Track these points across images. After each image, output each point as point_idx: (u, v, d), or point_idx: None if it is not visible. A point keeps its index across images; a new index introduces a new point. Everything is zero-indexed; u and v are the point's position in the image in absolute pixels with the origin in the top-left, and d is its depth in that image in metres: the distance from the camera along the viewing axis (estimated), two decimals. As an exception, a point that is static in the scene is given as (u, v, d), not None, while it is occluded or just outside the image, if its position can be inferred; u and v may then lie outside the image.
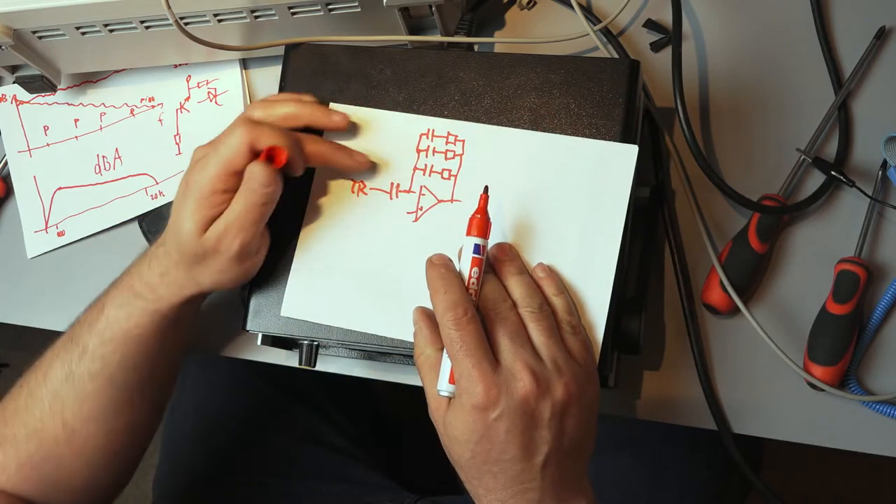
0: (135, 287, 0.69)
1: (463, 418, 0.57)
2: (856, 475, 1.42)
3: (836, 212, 0.74)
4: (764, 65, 0.77)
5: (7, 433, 0.72)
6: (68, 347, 0.71)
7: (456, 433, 0.58)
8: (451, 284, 0.60)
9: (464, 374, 0.57)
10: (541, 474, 0.58)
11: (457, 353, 0.57)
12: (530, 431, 0.57)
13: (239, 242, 0.64)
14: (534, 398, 0.57)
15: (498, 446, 0.57)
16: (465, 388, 0.57)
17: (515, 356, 0.58)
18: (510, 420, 0.57)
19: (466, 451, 0.58)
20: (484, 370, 0.57)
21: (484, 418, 0.57)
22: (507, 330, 0.59)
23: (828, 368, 0.69)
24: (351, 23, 0.75)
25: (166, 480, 0.98)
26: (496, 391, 0.56)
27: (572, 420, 0.58)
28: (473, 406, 0.57)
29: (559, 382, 0.58)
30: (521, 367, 0.57)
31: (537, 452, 0.57)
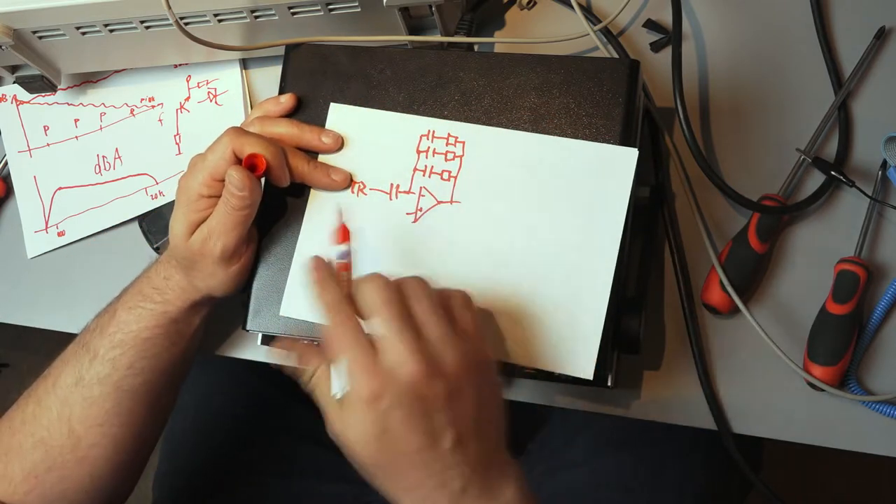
0: (144, 291, 0.71)
1: (356, 417, 0.55)
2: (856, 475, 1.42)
3: (836, 212, 0.74)
4: (764, 65, 0.77)
5: (13, 443, 0.72)
6: (79, 354, 0.72)
7: (355, 435, 0.55)
8: (326, 289, 0.58)
9: (347, 370, 0.55)
10: (454, 460, 0.55)
11: (338, 353, 0.56)
12: (428, 416, 0.54)
13: (220, 246, 0.66)
14: (423, 378, 0.54)
15: (398, 439, 0.54)
16: (351, 387, 0.55)
17: (396, 339, 0.55)
18: (403, 408, 0.54)
19: (371, 451, 0.55)
20: (365, 360, 0.54)
21: (375, 410, 0.54)
22: (388, 314, 0.55)
23: (828, 368, 0.69)
24: (351, 23, 0.75)
25: (166, 480, 0.98)
26: (380, 379, 0.54)
27: (472, 394, 0.56)
28: (360, 400, 0.54)
29: (449, 356, 0.55)
30: (403, 350, 0.54)
31: (443, 437, 0.55)
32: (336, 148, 0.69)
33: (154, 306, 0.71)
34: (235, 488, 0.95)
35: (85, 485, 0.72)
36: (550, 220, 0.65)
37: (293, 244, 0.69)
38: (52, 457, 0.71)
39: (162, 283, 0.71)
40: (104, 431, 0.71)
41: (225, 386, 1.00)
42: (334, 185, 0.69)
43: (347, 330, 0.56)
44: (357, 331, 0.56)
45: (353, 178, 0.69)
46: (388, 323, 0.55)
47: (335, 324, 0.56)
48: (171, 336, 0.72)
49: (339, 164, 0.69)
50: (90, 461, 0.71)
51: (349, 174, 0.69)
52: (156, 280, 0.71)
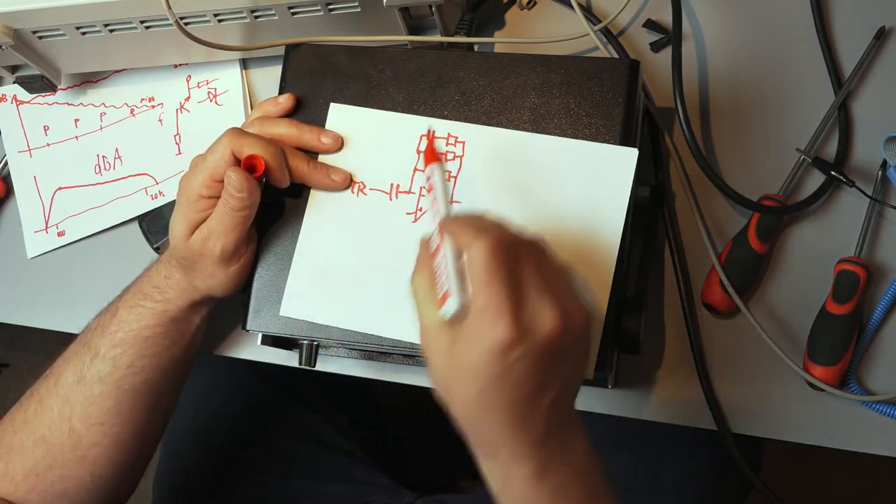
0: (145, 290, 0.72)
1: (477, 355, 0.51)
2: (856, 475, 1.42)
3: (836, 212, 0.74)
4: (764, 65, 0.77)
5: (15, 442, 0.72)
6: (81, 353, 0.72)
7: (466, 369, 0.52)
8: (480, 217, 0.55)
9: (489, 307, 0.51)
10: (547, 412, 0.53)
11: (486, 282, 0.51)
12: (548, 370, 0.52)
13: (220, 246, 0.67)
14: (561, 332, 0.51)
15: (510, 387, 0.52)
16: (486, 324, 0.51)
17: (541, 288, 0.52)
18: (532, 358, 0.51)
19: (473, 388, 0.52)
20: (513, 304, 0.51)
21: (504, 358, 0.51)
22: (533, 259, 0.53)
23: (828, 368, 0.69)
24: (351, 23, 0.75)
25: (166, 480, 0.98)
26: (522, 330, 0.51)
27: (582, 351, 0.55)
28: (493, 345, 0.50)
29: (578, 313, 0.53)
30: (549, 300, 0.51)
31: (550, 389, 0.53)
32: (336, 148, 0.69)
33: (154, 305, 0.71)
34: (235, 488, 0.95)
35: (86, 483, 0.72)
36: (550, 220, 0.65)
37: (293, 244, 0.69)
38: (52, 455, 0.71)
39: (162, 283, 0.71)
40: (105, 430, 0.71)
41: (225, 386, 1.00)
42: (334, 186, 0.69)
43: (504, 262, 0.51)
44: (512, 264, 0.52)
45: (353, 178, 0.69)
46: (533, 270, 0.52)
47: (493, 250, 0.51)
48: (172, 335, 0.72)
49: (339, 164, 0.69)
50: (91, 460, 0.72)
51: (349, 174, 0.69)
52: (156, 279, 0.71)
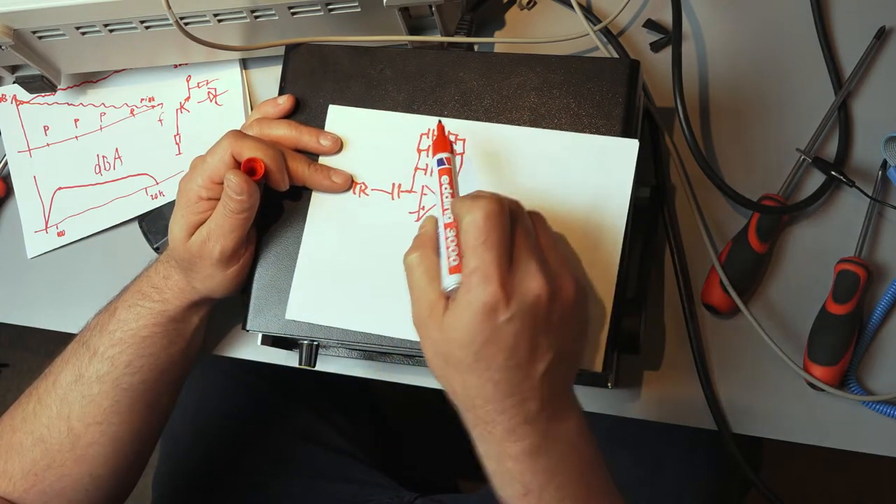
0: (143, 289, 0.72)
1: (468, 318, 0.53)
2: (856, 475, 1.42)
3: (836, 212, 0.74)
4: (764, 65, 0.77)
5: (14, 441, 0.72)
6: (79, 352, 0.72)
7: (458, 335, 0.54)
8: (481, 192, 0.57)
9: (479, 269, 0.53)
10: (540, 382, 0.55)
11: (479, 245, 0.54)
12: (537, 335, 0.54)
13: (219, 248, 0.67)
14: (546, 298, 0.54)
15: (504, 351, 0.54)
16: (475, 286, 0.53)
17: (531, 254, 0.55)
18: (520, 322, 0.53)
19: (468, 354, 0.54)
20: (502, 267, 0.53)
21: (493, 320, 0.53)
22: (524, 228, 0.56)
23: (828, 368, 0.69)
24: (351, 23, 0.75)
25: (165, 480, 0.98)
26: (510, 290, 0.53)
27: (574, 324, 0.57)
28: (483, 306, 0.53)
29: (567, 283, 0.56)
30: (535, 266, 0.54)
31: (541, 358, 0.55)
32: (335, 150, 0.69)
33: (153, 305, 0.71)
34: (234, 488, 0.95)
35: (84, 483, 0.72)
36: (553, 214, 0.65)
37: (294, 245, 0.69)
38: (51, 455, 0.71)
39: (161, 283, 0.71)
40: (103, 430, 0.71)
41: (225, 386, 1.00)
42: (335, 188, 0.69)
43: (498, 226, 0.54)
44: (506, 230, 0.54)
45: (354, 179, 0.69)
46: (526, 236, 0.55)
47: (488, 215, 0.54)
48: (170, 335, 0.72)
49: (339, 165, 0.69)
50: (89, 459, 0.71)
51: (350, 176, 0.69)
52: (155, 279, 0.72)
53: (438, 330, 0.55)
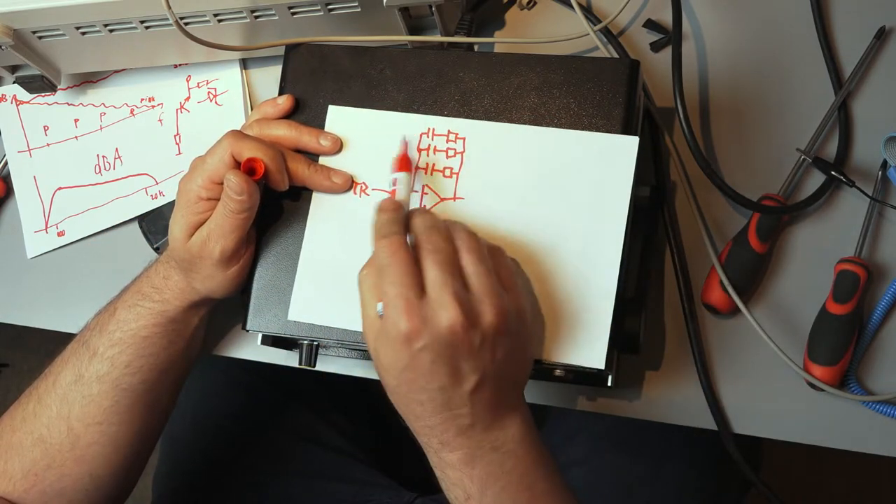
0: (143, 290, 0.72)
1: (389, 346, 0.57)
2: (856, 475, 1.42)
3: (836, 212, 0.74)
4: (764, 65, 0.77)
5: (14, 441, 0.72)
6: (79, 352, 0.72)
7: (383, 361, 0.58)
8: (392, 220, 0.60)
9: (390, 302, 0.56)
10: (470, 400, 0.57)
11: (384, 280, 0.57)
12: (457, 361, 0.56)
13: (219, 248, 0.67)
14: (461, 328, 0.55)
15: (423, 376, 0.56)
16: (389, 317, 0.56)
17: (443, 287, 0.56)
18: (435, 351, 0.56)
19: (393, 378, 0.58)
20: (409, 299, 0.56)
21: (408, 348, 0.56)
22: (437, 259, 0.57)
23: (828, 368, 0.69)
24: (351, 23, 0.75)
25: (165, 480, 0.98)
26: (419, 322, 0.55)
27: (502, 348, 0.57)
28: (397, 336, 0.56)
29: (490, 312, 0.56)
30: (448, 298, 0.56)
31: (465, 381, 0.57)
32: (335, 150, 0.69)
33: (153, 305, 0.71)
34: (234, 488, 0.95)
35: (84, 483, 0.72)
36: (554, 212, 0.65)
37: (295, 245, 0.69)
38: (50, 455, 0.71)
39: (161, 283, 0.71)
40: (102, 430, 0.71)
41: (224, 386, 1.00)
42: (335, 188, 0.69)
43: (398, 261, 0.57)
44: (408, 264, 0.57)
45: (354, 179, 0.69)
46: (438, 267, 0.57)
47: (389, 251, 0.57)
48: (169, 335, 0.72)
49: (339, 165, 0.69)
50: (89, 459, 0.71)
51: (350, 176, 0.69)
52: (155, 279, 0.71)
53: (373, 352, 0.59)
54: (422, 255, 0.58)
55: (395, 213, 0.61)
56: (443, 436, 0.58)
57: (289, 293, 0.69)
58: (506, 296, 0.58)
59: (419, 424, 0.59)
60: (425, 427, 0.59)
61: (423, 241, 0.58)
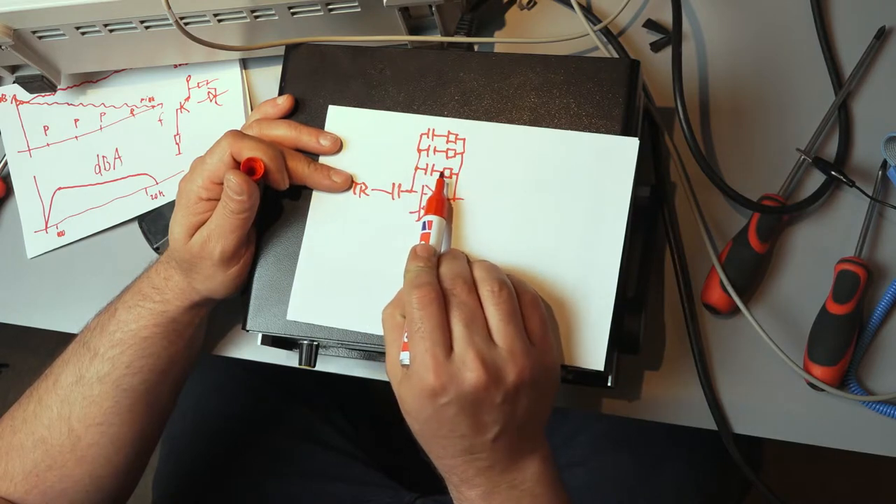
0: (144, 290, 0.72)
1: (413, 396, 0.58)
2: (856, 475, 1.42)
3: (836, 212, 0.74)
4: (764, 65, 0.77)
5: (14, 442, 0.72)
6: (80, 352, 0.72)
7: (407, 407, 0.59)
8: (425, 269, 0.60)
9: (417, 356, 0.57)
10: (491, 447, 0.59)
11: (414, 333, 0.58)
12: (479, 415, 0.57)
13: (219, 249, 0.67)
14: (483, 388, 0.57)
15: (446, 426, 0.58)
16: (416, 371, 0.57)
17: (468, 345, 0.57)
18: (458, 406, 0.57)
19: (416, 423, 0.59)
20: (436, 356, 0.57)
21: (433, 402, 0.57)
22: (463, 316, 0.58)
23: (828, 368, 0.69)
24: (351, 23, 0.75)
25: (165, 480, 0.98)
26: (446, 379, 0.56)
27: (525, 400, 0.59)
28: (423, 389, 0.57)
29: (513, 370, 0.57)
30: (472, 357, 0.57)
31: (487, 431, 0.58)
32: (334, 150, 0.69)
33: (153, 305, 0.71)
34: (235, 489, 0.95)
35: (85, 484, 0.72)
36: (554, 212, 0.65)
37: (294, 245, 0.69)
38: (51, 456, 0.71)
39: (161, 283, 0.71)
40: (103, 431, 0.71)
41: (224, 386, 1.00)
42: (335, 187, 0.69)
43: (429, 316, 0.57)
44: (438, 318, 0.58)
45: (354, 179, 0.69)
46: (463, 323, 0.58)
47: (420, 304, 0.58)
48: (170, 335, 0.72)
49: (339, 165, 0.69)
50: (89, 460, 0.71)
51: (350, 176, 0.69)
52: (156, 280, 0.71)
53: (397, 394, 0.60)
54: (450, 308, 0.58)
55: (428, 262, 0.61)
56: (463, 474, 0.60)
57: (288, 293, 0.69)
58: (533, 351, 0.59)
59: (441, 462, 0.61)
60: (446, 465, 0.60)
61: (450, 294, 0.59)
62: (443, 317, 0.58)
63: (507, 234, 0.65)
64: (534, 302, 0.61)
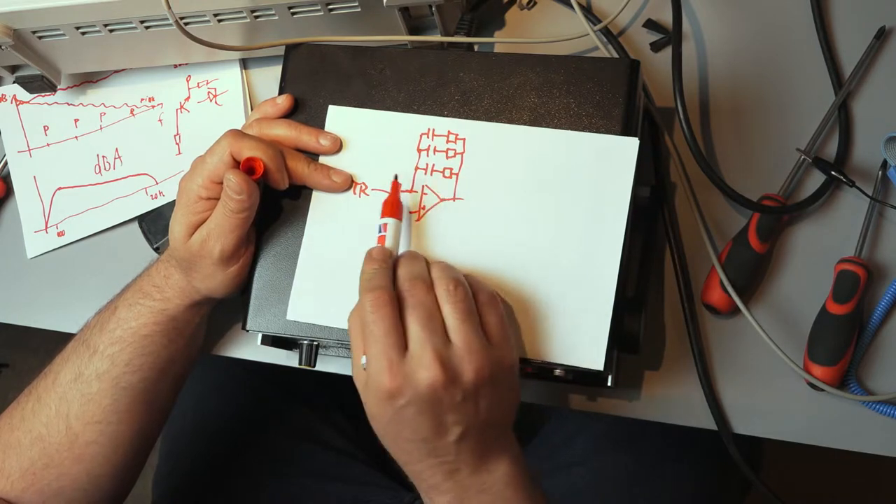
0: (144, 288, 0.72)
1: (374, 399, 0.58)
2: (856, 475, 1.42)
3: (836, 212, 0.74)
4: (764, 65, 0.77)
5: (12, 439, 0.72)
6: (79, 350, 0.72)
7: (370, 410, 0.59)
8: (378, 272, 0.60)
9: (372, 359, 0.57)
10: (455, 448, 0.58)
11: (368, 336, 0.57)
12: (440, 416, 0.57)
13: (219, 248, 0.67)
14: (441, 386, 0.56)
15: (407, 429, 0.58)
16: (372, 374, 0.57)
17: (424, 344, 0.57)
18: (417, 407, 0.57)
19: (379, 427, 0.59)
20: (390, 359, 0.56)
21: (391, 405, 0.57)
22: (419, 315, 0.57)
23: (828, 368, 0.69)
24: (351, 23, 0.75)
25: (165, 480, 0.98)
26: (401, 381, 0.56)
27: (485, 399, 0.58)
28: (380, 392, 0.57)
29: (470, 368, 0.57)
30: (429, 357, 0.56)
31: (449, 433, 0.58)
32: (334, 150, 0.69)
33: (153, 304, 0.71)
34: (235, 488, 0.95)
35: (82, 482, 0.72)
36: (554, 213, 0.65)
37: (294, 245, 0.69)
38: (49, 454, 0.71)
39: (162, 282, 0.71)
40: (101, 429, 0.71)
41: (224, 386, 1.00)
42: (335, 187, 0.69)
43: (381, 318, 0.57)
44: (391, 320, 0.57)
45: (354, 179, 0.69)
46: (419, 323, 0.57)
47: (373, 307, 0.57)
48: (170, 334, 0.72)
49: (339, 165, 0.69)
50: (87, 458, 0.71)
51: (350, 175, 0.69)
52: (156, 278, 0.72)
53: (362, 397, 0.60)
54: (405, 309, 0.58)
55: (382, 264, 0.61)
56: (431, 479, 0.59)
57: (288, 293, 0.69)
58: (490, 349, 0.58)
59: (409, 469, 0.60)
60: (414, 471, 0.60)
61: (407, 295, 0.58)
62: (396, 318, 0.57)
63: (507, 233, 0.65)
64: (491, 301, 0.60)
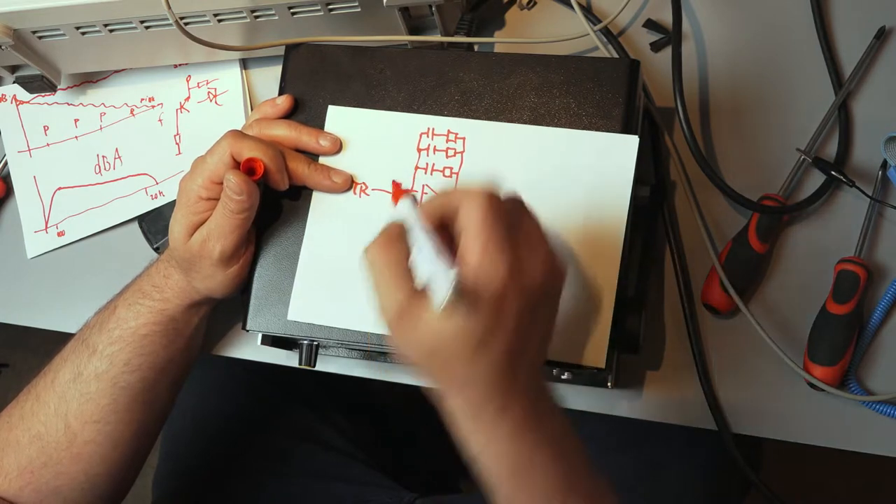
0: (144, 288, 0.72)
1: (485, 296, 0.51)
2: (856, 475, 1.42)
3: (836, 212, 0.74)
4: (764, 65, 0.77)
5: (11, 438, 0.72)
6: (78, 349, 0.72)
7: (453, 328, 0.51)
8: None
9: (488, 254, 0.51)
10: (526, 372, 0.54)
11: (489, 231, 0.52)
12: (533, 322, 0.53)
13: (219, 248, 0.67)
14: (548, 282, 0.54)
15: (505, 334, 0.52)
16: (487, 268, 0.51)
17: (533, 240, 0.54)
18: (524, 305, 0.52)
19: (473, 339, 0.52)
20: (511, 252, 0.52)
21: (500, 311, 0.51)
22: (519, 214, 0.55)
23: (828, 368, 0.69)
24: (351, 23, 0.75)
25: (165, 481, 0.98)
26: (518, 275, 0.52)
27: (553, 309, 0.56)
28: (497, 287, 0.51)
29: (560, 266, 0.55)
30: (538, 251, 0.53)
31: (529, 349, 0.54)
32: (334, 150, 0.70)
33: (153, 304, 0.71)
34: (235, 489, 0.95)
35: (80, 482, 0.72)
36: (554, 212, 0.65)
37: (294, 245, 0.69)
38: (47, 453, 0.71)
39: (161, 282, 0.71)
40: (100, 428, 0.71)
41: (224, 386, 1.00)
42: (335, 188, 0.69)
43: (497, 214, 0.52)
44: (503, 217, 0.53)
45: (354, 179, 0.69)
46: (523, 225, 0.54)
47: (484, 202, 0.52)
48: (169, 334, 0.72)
49: (339, 165, 0.69)
50: (85, 458, 0.71)
51: (350, 176, 0.69)
52: (156, 278, 0.72)
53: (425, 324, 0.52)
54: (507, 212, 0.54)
55: None
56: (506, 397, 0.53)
57: (289, 293, 0.69)
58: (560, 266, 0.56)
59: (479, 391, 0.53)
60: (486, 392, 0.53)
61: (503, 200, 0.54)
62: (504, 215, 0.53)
63: None
64: None
